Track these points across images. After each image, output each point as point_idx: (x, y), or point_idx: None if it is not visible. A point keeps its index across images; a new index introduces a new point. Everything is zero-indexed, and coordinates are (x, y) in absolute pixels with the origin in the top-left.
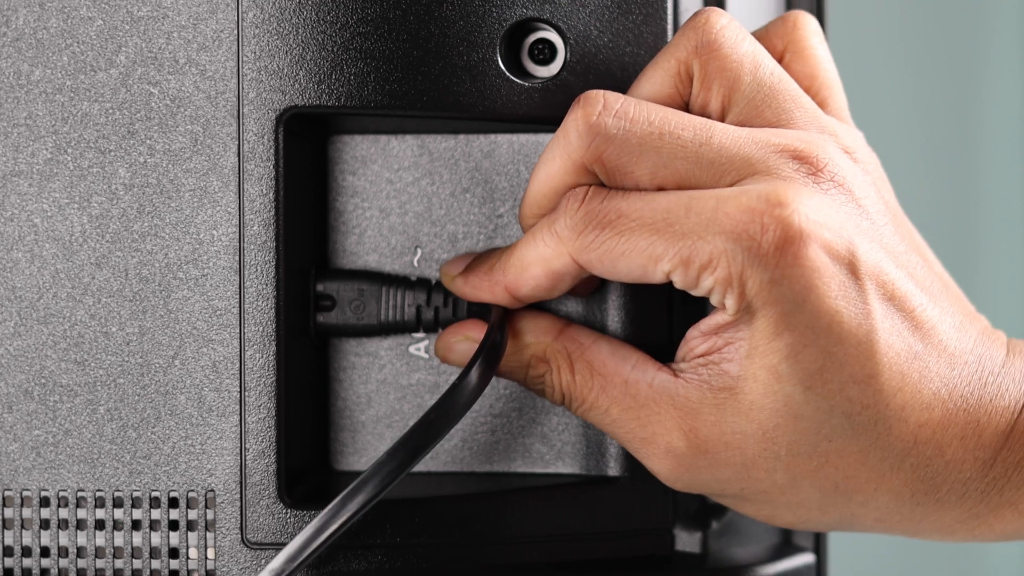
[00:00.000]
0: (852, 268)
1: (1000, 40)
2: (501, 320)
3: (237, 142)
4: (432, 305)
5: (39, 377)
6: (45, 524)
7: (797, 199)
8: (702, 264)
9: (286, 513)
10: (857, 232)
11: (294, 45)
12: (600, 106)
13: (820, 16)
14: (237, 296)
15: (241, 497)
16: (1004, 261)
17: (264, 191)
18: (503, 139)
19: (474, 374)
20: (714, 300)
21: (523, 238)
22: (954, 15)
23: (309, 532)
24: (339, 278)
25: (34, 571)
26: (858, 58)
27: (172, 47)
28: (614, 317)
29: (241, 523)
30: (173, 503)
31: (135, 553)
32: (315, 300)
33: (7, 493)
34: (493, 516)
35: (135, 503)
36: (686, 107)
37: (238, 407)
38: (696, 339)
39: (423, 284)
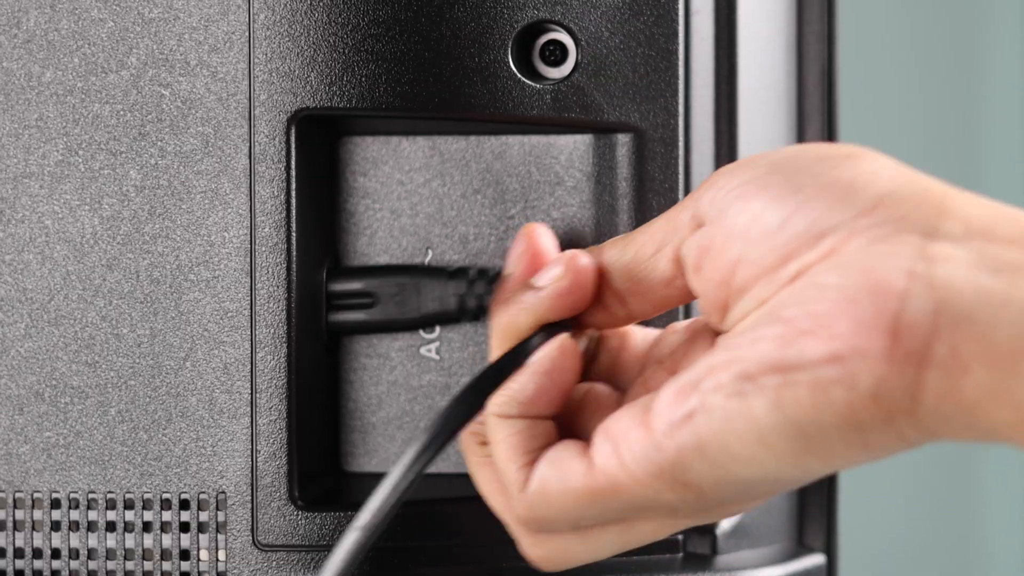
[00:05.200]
0: None
1: (1000, 40)
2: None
3: (248, 144)
4: (474, 293)
5: (50, 379)
6: (56, 526)
7: None
8: None
9: (297, 515)
10: None
11: (305, 47)
12: None
13: (830, 14)
14: (248, 298)
15: (252, 499)
16: None
17: (275, 193)
18: (514, 140)
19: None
20: None
21: None
22: (959, 15)
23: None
24: (378, 274)
25: (45, 573)
26: (861, 57)
27: (183, 49)
28: None
29: (252, 525)
30: (184, 505)
31: (146, 555)
32: (352, 297)
33: (18, 495)
34: None
35: (146, 505)
36: None
37: (249, 409)
38: None
39: (462, 273)
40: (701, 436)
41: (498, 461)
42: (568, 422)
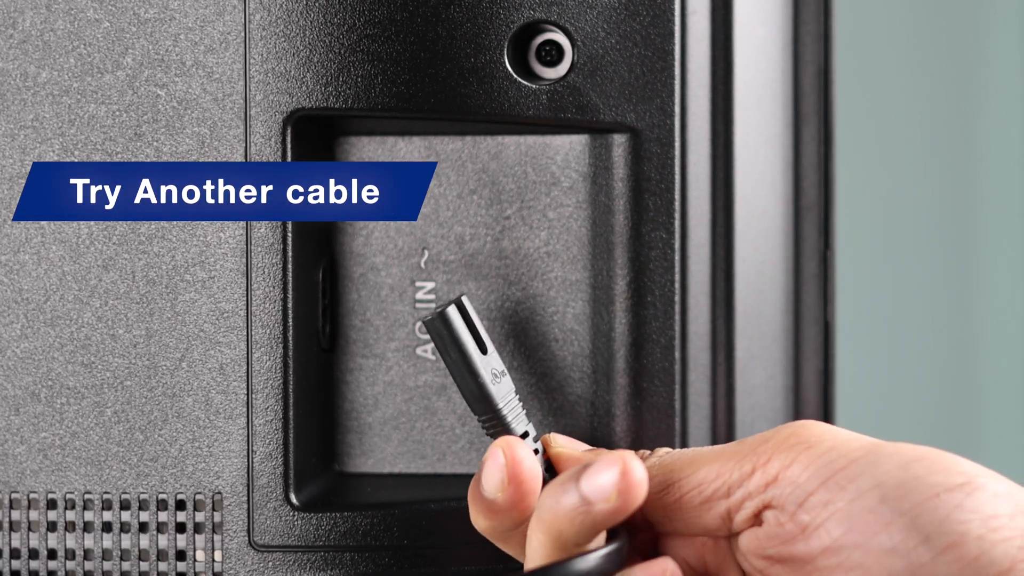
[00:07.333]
0: None
1: (1000, 40)
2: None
3: (244, 144)
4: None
5: (46, 379)
6: (52, 526)
7: None
8: None
9: (293, 515)
10: None
11: (301, 47)
12: None
13: (827, 15)
14: (244, 298)
15: (248, 499)
16: (1004, 261)
17: None
18: (510, 141)
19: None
20: None
21: None
22: (955, 15)
23: None
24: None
25: (41, 574)
26: (858, 57)
27: (179, 49)
28: (621, 320)
29: (248, 525)
30: (180, 505)
31: (142, 556)
32: (473, 329)
33: (14, 495)
34: None
35: (142, 505)
36: None
37: (245, 409)
38: None
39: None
40: None
41: None
42: None
